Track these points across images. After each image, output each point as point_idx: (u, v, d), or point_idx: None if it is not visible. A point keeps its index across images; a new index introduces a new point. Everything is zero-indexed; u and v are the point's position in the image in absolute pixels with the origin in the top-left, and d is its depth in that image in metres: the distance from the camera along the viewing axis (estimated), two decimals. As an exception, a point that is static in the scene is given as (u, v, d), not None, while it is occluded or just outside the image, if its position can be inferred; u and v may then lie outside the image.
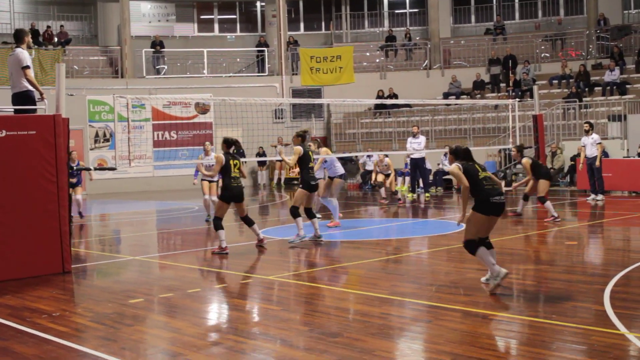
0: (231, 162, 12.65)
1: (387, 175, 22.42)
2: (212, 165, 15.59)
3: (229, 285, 10.23)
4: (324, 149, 16.26)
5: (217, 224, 12.52)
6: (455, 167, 9.06)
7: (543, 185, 16.06)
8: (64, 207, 11.05)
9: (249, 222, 13.00)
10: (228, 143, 12.94)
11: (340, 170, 15.92)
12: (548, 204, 15.72)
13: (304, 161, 13.48)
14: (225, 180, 12.64)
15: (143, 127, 29.13)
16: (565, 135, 25.64)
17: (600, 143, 19.93)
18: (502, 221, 16.73)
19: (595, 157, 19.73)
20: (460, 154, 9.22)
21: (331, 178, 15.94)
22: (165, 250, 14.18)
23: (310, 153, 13.67)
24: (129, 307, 8.70)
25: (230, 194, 12.59)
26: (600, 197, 19.73)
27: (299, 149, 13.42)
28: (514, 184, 17.24)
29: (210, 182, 16.71)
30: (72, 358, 6.81)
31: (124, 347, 7.05)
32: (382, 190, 21.89)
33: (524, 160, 16.28)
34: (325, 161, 15.88)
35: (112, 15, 33.84)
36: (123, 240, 15.95)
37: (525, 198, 16.79)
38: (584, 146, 20.21)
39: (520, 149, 16.84)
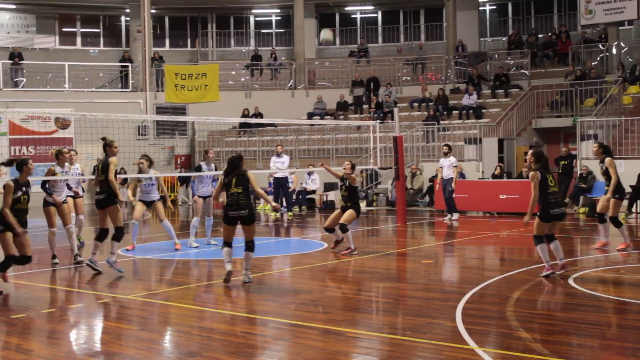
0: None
1: None
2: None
3: (86, 305, 9.99)
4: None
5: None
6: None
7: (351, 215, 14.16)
8: None
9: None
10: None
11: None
12: (349, 234, 14.07)
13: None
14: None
15: (-1, 141, 28.10)
16: (424, 157, 26.40)
17: (456, 166, 20.65)
18: (365, 240, 17.04)
19: (451, 179, 20.43)
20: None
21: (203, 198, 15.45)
22: (20, 269, 13.68)
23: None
24: (-22, 328, 8.38)
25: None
26: (455, 216, 20.45)
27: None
28: None
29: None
30: None
31: (-28, 370, 6.79)
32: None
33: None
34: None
35: (-32, 24, 32.55)
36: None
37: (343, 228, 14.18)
38: (441, 167, 20.88)
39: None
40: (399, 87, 32.57)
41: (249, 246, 11.03)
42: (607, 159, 13.86)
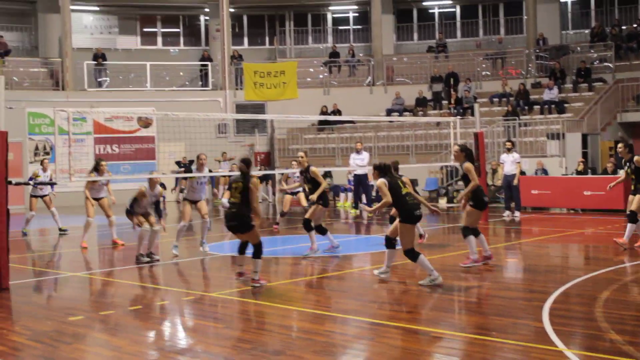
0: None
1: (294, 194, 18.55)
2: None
3: (170, 302, 10.13)
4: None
5: None
6: (381, 182, 10.48)
7: None
8: (2, 222, 10.82)
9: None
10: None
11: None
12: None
13: None
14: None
15: (84, 140, 28.78)
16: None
17: (519, 162, 20.60)
18: (447, 237, 16.91)
19: (514, 175, 20.52)
20: (384, 170, 10.64)
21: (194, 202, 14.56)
22: (106, 266, 14.00)
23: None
24: (68, 324, 8.57)
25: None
26: (517, 214, 20.37)
27: None
28: None
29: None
30: (9, 378, 6.68)
31: (63, 366, 6.95)
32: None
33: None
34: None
35: (53, 26, 33.38)
36: (63, 256, 15.69)
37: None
38: (502, 163, 20.88)
39: None
40: (478, 82, 32.17)
41: (392, 243, 11.00)
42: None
